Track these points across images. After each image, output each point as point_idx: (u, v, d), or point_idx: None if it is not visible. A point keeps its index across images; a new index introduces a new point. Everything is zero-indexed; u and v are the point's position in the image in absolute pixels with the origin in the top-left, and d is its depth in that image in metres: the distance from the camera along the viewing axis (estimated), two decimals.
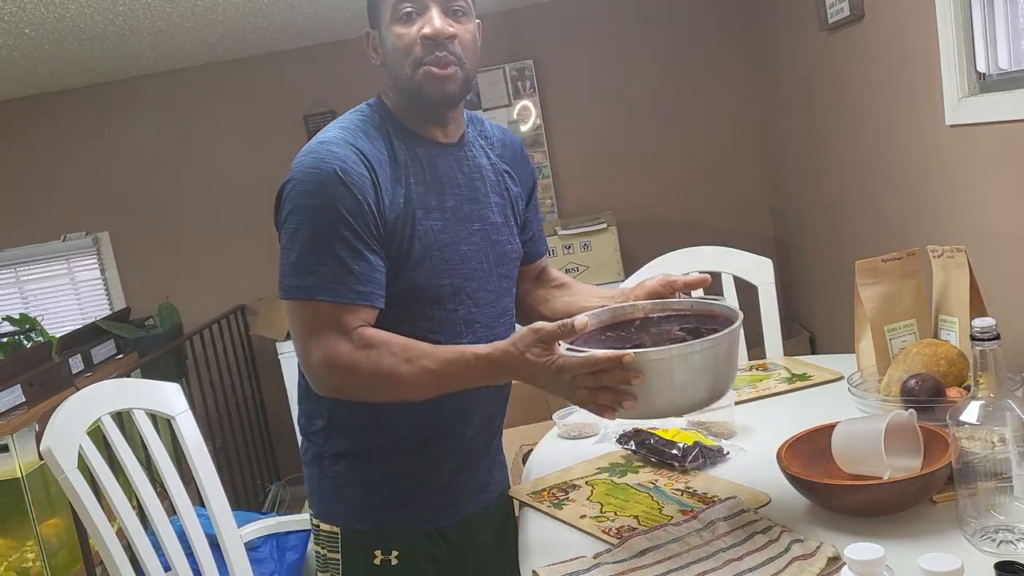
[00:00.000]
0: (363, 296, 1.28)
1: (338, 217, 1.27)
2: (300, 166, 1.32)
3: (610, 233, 3.35)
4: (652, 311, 1.40)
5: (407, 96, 1.37)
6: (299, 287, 1.27)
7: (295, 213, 1.29)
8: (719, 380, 1.22)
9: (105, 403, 1.71)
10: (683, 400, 1.20)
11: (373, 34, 1.42)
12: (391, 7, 1.36)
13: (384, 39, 1.39)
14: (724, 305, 1.33)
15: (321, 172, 1.28)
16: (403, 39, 1.35)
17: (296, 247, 1.28)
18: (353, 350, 1.26)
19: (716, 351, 1.20)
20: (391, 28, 1.36)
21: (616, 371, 1.16)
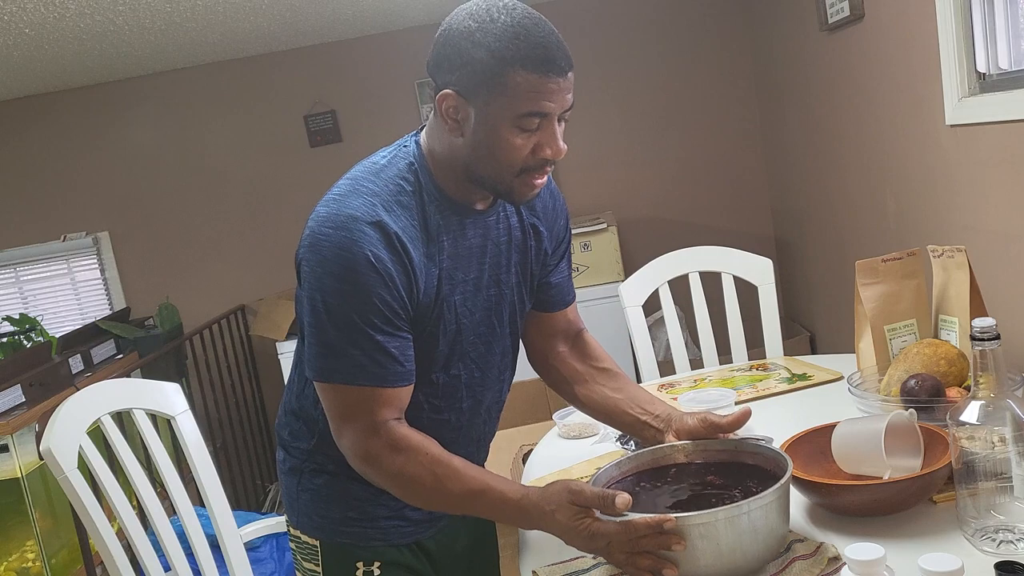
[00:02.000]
0: (401, 377, 1.25)
1: (370, 305, 1.20)
2: (327, 242, 1.20)
3: (610, 233, 3.35)
4: (693, 454, 1.34)
5: (478, 179, 1.25)
6: (334, 370, 1.22)
7: (324, 294, 1.21)
8: (769, 540, 1.13)
9: (105, 403, 1.70)
10: (730, 565, 1.11)
11: (461, 105, 1.20)
12: (514, 111, 1.18)
13: (484, 129, 1.20)
14: (770, 448, 1.27)
15: (352, 257, 1.19)
16: (518, 150, 1.21)
17: (327, 328, 1.21)
18: (382, 447, 1.23)
19: (766, 510, 1.11)
20: (503, 129, 1.19)
21: (656, 536, 1.10)
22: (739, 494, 1.21)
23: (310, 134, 3.98)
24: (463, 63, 1.18)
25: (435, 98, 1.22)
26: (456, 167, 1.26)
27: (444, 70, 1.20)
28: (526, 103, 1.18)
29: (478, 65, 1.17)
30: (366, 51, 3.94)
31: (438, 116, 1.23)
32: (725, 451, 1.32)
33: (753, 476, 1.26)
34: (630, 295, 2.34)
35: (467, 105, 1.19)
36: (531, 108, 1.18)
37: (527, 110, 1.18)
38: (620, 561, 1.14)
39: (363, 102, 3.96)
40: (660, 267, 2.38)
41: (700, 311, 2.36)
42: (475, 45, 1.17)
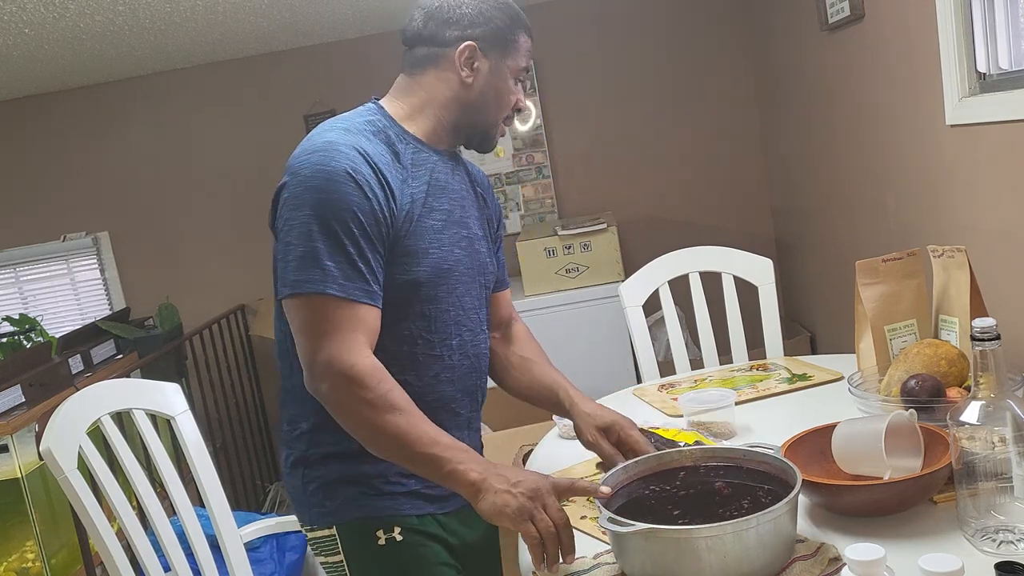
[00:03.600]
0: (371, 296, 1.30)
1: (349, 214, 1.27)
2: (306, 163, 1.31)
3: (610, 233, 3.35)
4: (700, 459, 1.34)
5: (470, 127, 1.47)
6: (307, 280, 1.26)
7: (301, 208, 1.28)
8: (776, 553, 1.12)
9: (105, 403, 1.70)
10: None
11: (480, 57, 1.42)
12: (519, 65, 1.46)
13: (494, 78, 1.44)
14: (778, 458, 1.26)
15: (332, 170, 1.28)
16: (512, 96, 1.47)
17: (302, 242, 1.27)
18: (366, 366, 1.26)
19: (775, 523, 1.11)
20: (508, 80, 1.45)
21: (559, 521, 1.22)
22: (748, 504, 1.21)
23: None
24: (485, 21, 1.42)
25: (451, 49, 1.41)
26: (444, 113, 1.44)
27: (463, 25, 1.41)
28: (525, 60, 1.47)
29: (498, 23, 1.43)
30: (366, 51, 3.94)
31: (442, 67, 1.42)
32: (733, 457, 1.32)
33: (762, 484, 1.25)
34: (630, 295, 2.34)
35: (484, 57, 1.42)
36: (527, 65, 1.48)
37: (525, 65, 1.48)
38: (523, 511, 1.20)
39: (363, 102, 3.96)
40: (660, 267, 2.38)
41: (700, 311, 2.35)
42: (493, 8, 1.43)
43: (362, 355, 1.27)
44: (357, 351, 1.27)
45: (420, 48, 1.44)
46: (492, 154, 3.96)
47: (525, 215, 4.01)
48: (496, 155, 3.97)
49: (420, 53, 1.44)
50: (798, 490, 1.15)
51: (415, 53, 1.45)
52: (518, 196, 4.01)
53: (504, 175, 3.99)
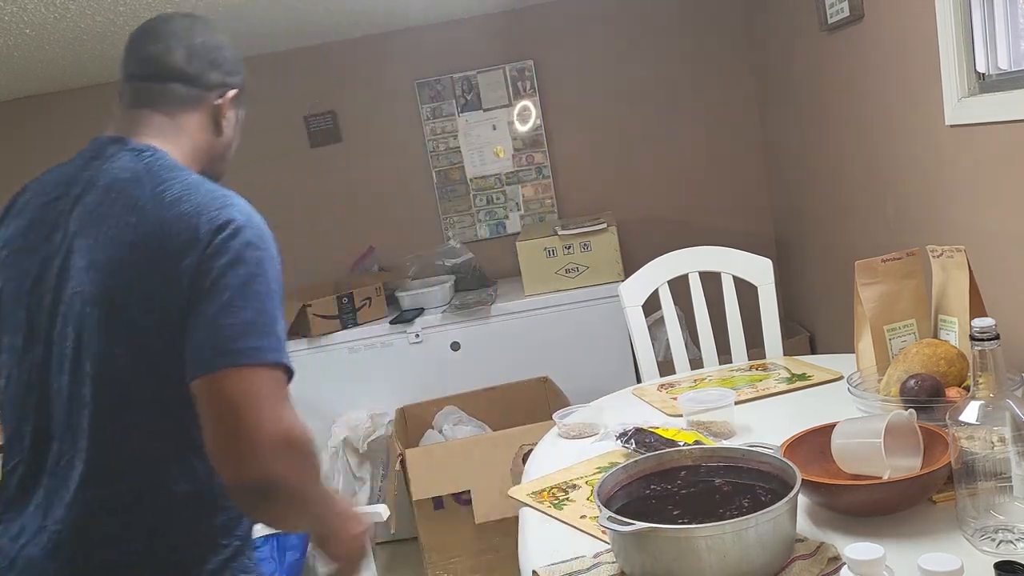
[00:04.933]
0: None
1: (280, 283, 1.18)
2: (254, 222, 1.18)
3: (610, 233, 3.35)
4: (700, 459, 1.34)
5: (212, 175, 1.32)
6: (276, 349, 1.12)
7: (261, 265, 1.15)
8: (775, 552, 1.13)
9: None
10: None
11: (234, 101, 1.36)
12: (243, 110, 1.42)
13: (236, 129, 1.41)
14: (777, 458, 1.27)
15: (270, 236, 1.20)
16: (237, 139, 1.42)
17: (269, 305, 1.14)
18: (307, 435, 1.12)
19: (775, 523, 1.11)
20: (240, 124, 1.41)
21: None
22: (747, 503, 1.21)
23: (310, 134, 3.98)
24: (238, 70, 1.36)
25: (212, 93, 1.32)
26: (199, 163, 1.32)
27: (224, 71, 1.34)
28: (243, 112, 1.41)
29: (243, 74, 1.38)
30: (366, 51, 3.94)
31: (202, 112, 1.31)
32: (733, 457, 1.32)
33: (762, 483, 1.26)
34: (630, 295, 2.35)
35: (236, 108, 1.37)
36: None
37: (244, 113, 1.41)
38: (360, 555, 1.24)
39: (363, 102, 3.96)
40: (660, 267, 2.38)
41: (700, 311, 2.36)
42: (239, 58, 1.38)
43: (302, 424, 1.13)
44: (297, 418, 1.13)
45: (178, 85, 1.30)
46: (492, 154, 3.97)
47: (525, 215, 4.02)
48: (496, 155, 3.98)
49: (179, 92, 1.30)
50: (797, 490, 1.16)
51: (172, 90, 1.29)
52: (518, 196, 4.01)
53: (504, 175, 3.99)
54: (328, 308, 3.39)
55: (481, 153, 3.98)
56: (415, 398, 3.29)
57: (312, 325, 3.37)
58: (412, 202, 4.03)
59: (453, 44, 3.90)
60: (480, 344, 3.37)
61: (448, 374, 3.35)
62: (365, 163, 4.00)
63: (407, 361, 3.38)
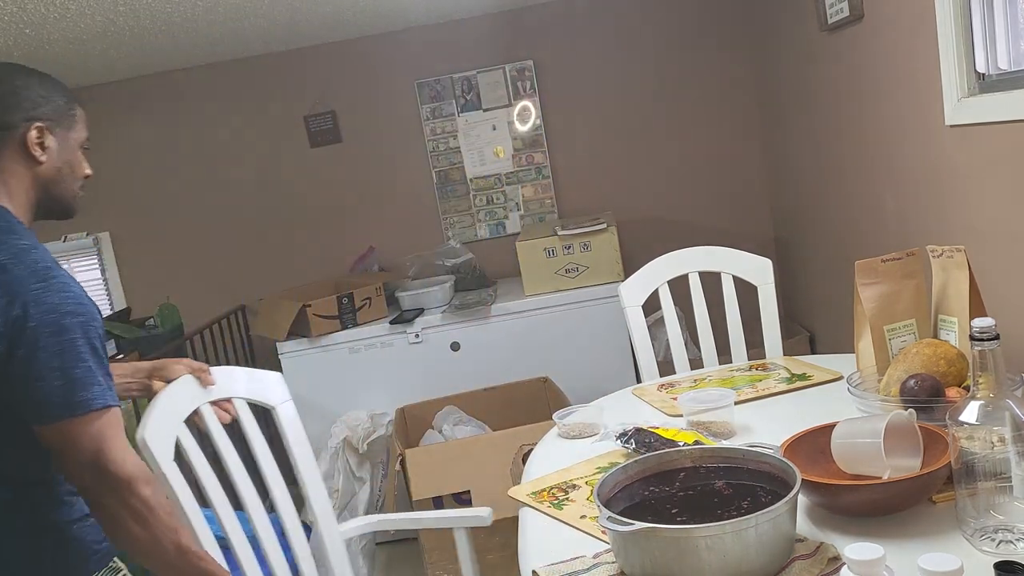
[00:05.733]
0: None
1: (101, 327, 1.36)
2: (69, 284, 1.36)
3: (610, 233, 3.35)
4: (701, 459, 1.34)
5: (49, 200, 1.50)
6: (104, 396, 1.30)
7: (63, 333, 1.30)
8: (775, 552, 1.13)
9: (204, 392, 1.62)
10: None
11: (46, 131, 1.45)
12: (82, 137, 1.52)
13: (63, 151, 1.48)
14: (777, 458, 1.27)
15: (75, 293, 1.35)
16: (82, 167, 1.53)
17: (74, 363, 1.30)
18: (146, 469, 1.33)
19: (775, 523, 1.11)
20: (76, 152, 1.51)
21: None
22: (748, 503, 1.21)
23: (310, 134, 3.98)
24: (45, 101, 1.46)
25: (14, 130, 1.42)
26: (29, 196, 1.46)
27: (26, 108, 1.43)
28: (86, 131, 1.54)
29: (57, 101, 1.48)
30: (366, 51, 3.94)
31: (14, 150, 1.43)
32: (733, 457, 1.32)
33: (761, 483, 1.25)
34: (630, 295, 2.34)
35: (51, 135, 1.46)
36: (87, 135, 1.54)
37: (87, 135, 1.54)
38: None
39: (363, 102, 3.96)
40: (660, 267, 2.38)
41: (700, 311, 2.36)
42: (49, 88, 1.48)
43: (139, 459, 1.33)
44: (134, 454, 1.32)
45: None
46: (492, 154, 3.97)
47: (525, 215, 4.02)
48: (496, 155, 3.98)
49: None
50: (797, 490, 1.15)
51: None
52: (518, 196, 4.01)
53: (504, 175, 4.00)
54: (328, 308, 3.39)
55: (481, 153, 3.98)
56: (415, 398, 3.29)
57: (312, 325, 3.37)
58: (412, 202, 4.03)
59: (453, 44, 3.90)
60: (480, 344, 3.37)
61: (448, 374, 3.35)
62: (365, 163, 4.00)
63: (407, 361, 3.38)
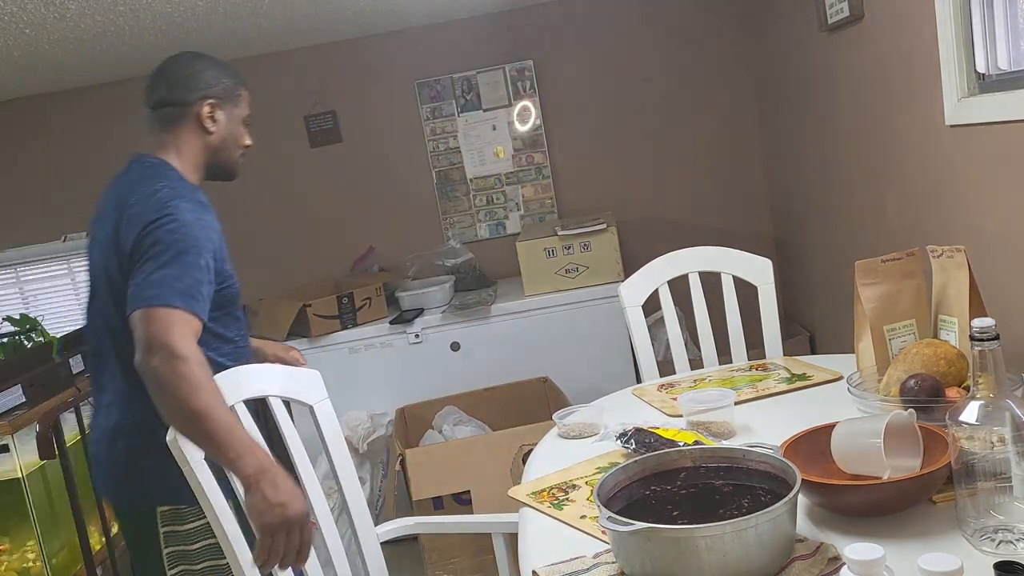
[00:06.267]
0: (207, 317, 1.65)
1: (208, 253, 1.69)
2: (181, 211, 1.68)
3: (610, 233, 3.35)
4: (701, 459, 1.34)
5: (216, 164, 1.88)
6: (172, 298, 1.58)
7: (178, 243, 1.64)
8: (775, 552, 1.13)
9: (241, 389, 1.61)
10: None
11: (216, 108, 1.82)
12: (244, 114, 1.89)
13: (229, 124, 1.85)
14: (777, 458, 1.27)
15: (199, 223, 1.70)
16: (244, 138, 1.90)
17: (167, 269, 1.60)
18: (192, 350, 1.55)
19: (775, 523, 1.11)
20: (238, 127, 1.88)
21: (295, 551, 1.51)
22: (747, 503, 1.21)
23: (310, 134, 3.98)
24: (216, 82, 1.82)
25: (191, 107, 1.80)
26: (200, 160, 1.85)
27: (201, 88, 1.80)
28: (248, 109, 1.90)
29: (226, 83, 1.84)
30: (366, 51, 3.94)
31: (190, 121, 1.81)
32: (733, 457, 1.32)
33: (762, 483, 1.25)
34: (630, 295, 2.34)
35: (220, 109, 1.83)
36: (250, 112, 1.90)
37: (249, 112, 1.90)
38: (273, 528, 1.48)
39: (363, 102, 3.96)
40: (660, 267, 2.38)
41: (700, 311, 2.36)
42: (220, 71, 1.85)
43: (195, 345, 1.56)
44: (192, 340, 1.57)
45: (168, 109, 1.81)
46: (492, 154, 3.97)
47: (525, 215, 4.02)
48: (496, 155, 3.98)
49: (168, 113, 1.82)
50: (797, 490, 1.15)
51: (163, 113, 1.82)
52: (518, 196, 4.01)
53: (504, 175, 4.00)
54: (328, 308, 3.39)
55: (481, 153, 3.98)
56: (415, 398, 3.29)
57: (312, 325, 3.37)
58: (412, 202, 4.03)
59: (453, 44, 3.90)
60: (480, 344, 3.37)
61: (448, 374, 3.35)
62: (365, 163, 4.00)
63: (407, 361, 3.38)
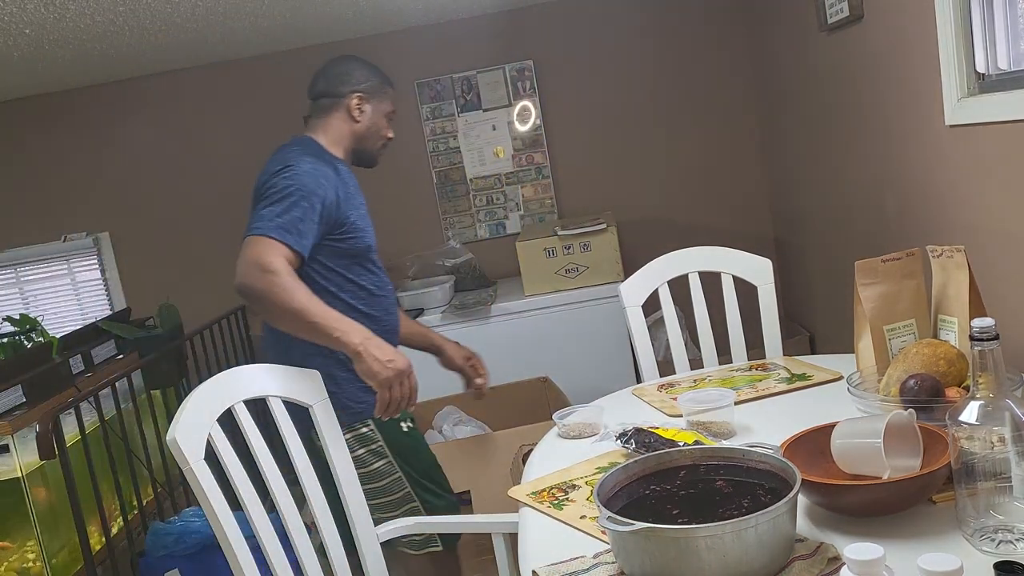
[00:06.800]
0: (305, 249, 1.95)
1: (317, 199, 1.97)
2: (300, 163, 2.00)
3: (610, 233, 3.35)
4: (700, 459, 1.34)
5: (357, 149, 2.20)
6: (269, 230, 1.92)
7: (290, 182, 1.95)
8: (775, 552, 1.12)
9: (239, 390, 1.60)
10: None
11: (364, 101, 2.16)
12: (388, 109, 2.21)
13: (374, 116, 2.18)
14: (777, 458, 1.26)
15: (313, 172, 1.99)
16: (386, 130, 2.23)
17: (272, 207, 1.93)
18: (283, 266, 1.89)
19: (774, 523, 1.11)
20: (382, 119, 2.21)
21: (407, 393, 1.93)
22: (747, 503, 1.21)
23: None
24: (366, 79, 2.18)
25: (342, 98, 2.15)
26: (346, 143, 2.17)
27: (352, 83, 2.15)
28: (392, 106, 2.23)
29: (374, 81, 2.19)
30: (366, 51, 3.92)
31: (341, 110, 2.15)
32: (733, 457, 1.32)
33: (762, 483, 1.25)
34: (630, 295, 2.34)
35: (367, 102, 2.17)
36: (394, 108, 2.24)
37: (393, 109, 2.23)
38: (389, 381, 1.87)
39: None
40: (660, 267, 2.38)
41: (700, 311, 2.36)
42: (370, 70, 2.20)
43: (284, 263, 1.89)
44: (282, 261, 1.89)
45: (323, 99, 2.16)
46: (492, 154, 3.97)
47: (525, 215, 4.02)
48: (496, 155, 3.98)
49: (324, 103, 2.16)
50: (797, 490, 1.15)
51: (320, 103, 2.17)
52: (518, 196, 4.01)
53: (504, 175, 4.00)
54: None
55: (481, 153, 3.98)
56: None
57: None
58: (412, 202, 4.03)
59: (453, 44, 3.90)
60: (480, 344, 3.35)
61: (448, 374, 3.34)
62: None
63: None
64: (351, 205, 2.08)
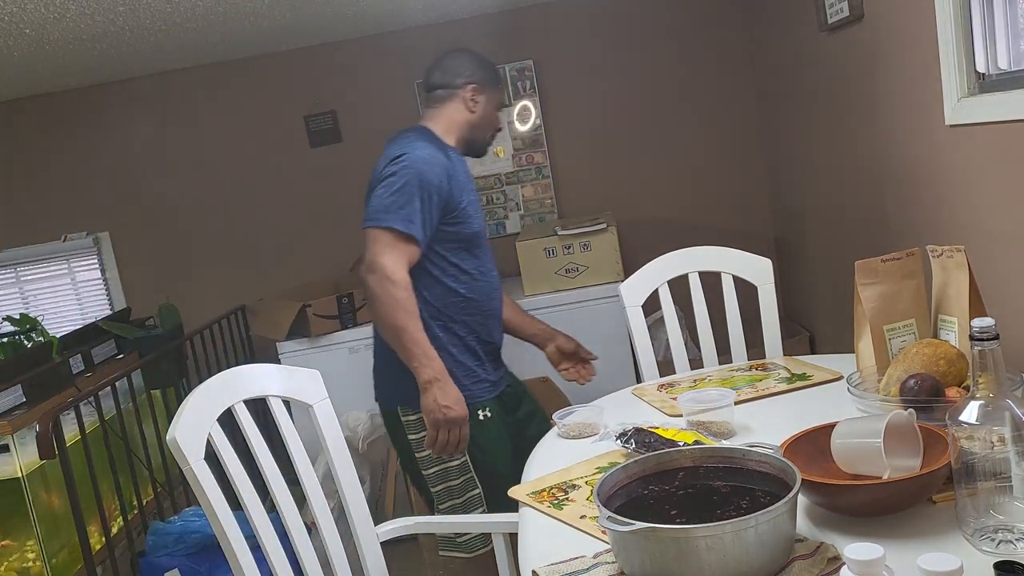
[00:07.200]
0: (425, 240, 2.08)
1: (433, 188, 2.09)
2: (415, 149, 2.12)
3: (610, 233, 3.35)
4: (700, 459, 1.33)
5: (470, 138, 2.28)
6: (384, 220, 2.05)
7: (404, 176, 2.07)
8: (775, 552, 1.13)
9: (239, 390, 1.59)
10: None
11: (478, 92, 2.25)
12: (498, 100, 2.33)
13: (486, 106, 2.28)
14: (777, 458, 1.26)
15: (429, 160, 2.11)
16: (496, 121, 2.34)
17: (386, 198, 2.06)
18: (403, 277, 2.04)
19: (774, 523, 1.11)
20: (495, 112, 2.32)
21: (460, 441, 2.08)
22: (746, 503, 1.21)
23: (310, 134, 3.98)
24: (480, 70, 2.26)
25: (458, 89, 2.25)
26: (459, 132, 2.26)
27: (466, 74, 2.25)
28: (502, 96, 2.35)
29: (486, 72, 2.28)
30: (366, 51, 3.94)
31: (456, 101, 2.25)
32: (733, 457, 1.32)
33: (761, 484, 1.25)
34: (630, 295, 2.34)
35: (481, 95, 2.26)
36: (502, 99, 2.34)
37: (502, 99, 2.34)
38: (438, 423, 2.03)
39: (363, 102, 3.96)
40: (660, 267, 2.38)
41: (700, 311, 2.36)
42: (482, 63, 2.29)
43: (404, 272, 2.04)
44: (403, 270, 2.04)
45: (439, 90, 2.26)
46: (492, 154, 3.97)
47: (525, 215, 4.02)
48: (496, 155, 3.98)
49: (439, 94, 2.26)
50: (797, 489, 1.15)
51: (435, 94, 2.26)
52: (518, 196, 4.01)
53: (504, 175, 4.00)
54: (328, 308, 3.39)
55: None
56: None
57: (312, 325, 3.37)
58: None
59: (453, 44, 3.89)
60: None
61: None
62: (365, 163, 3.98)
63: None
64: (463, 191, 2.17)
